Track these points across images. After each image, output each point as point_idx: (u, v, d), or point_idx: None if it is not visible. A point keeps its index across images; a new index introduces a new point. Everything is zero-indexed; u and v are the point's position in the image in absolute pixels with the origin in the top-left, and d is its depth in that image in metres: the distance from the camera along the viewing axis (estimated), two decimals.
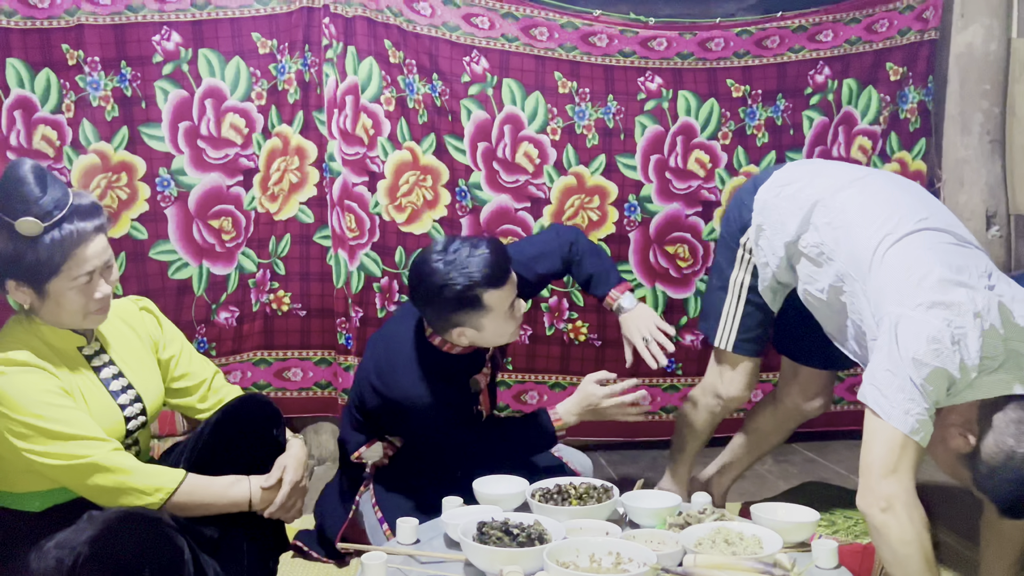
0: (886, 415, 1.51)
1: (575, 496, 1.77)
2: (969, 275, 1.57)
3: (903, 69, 3.10)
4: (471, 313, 1.90)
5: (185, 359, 1.75)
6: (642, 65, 3.00)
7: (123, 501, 1.46)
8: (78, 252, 1.47)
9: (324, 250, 2.88)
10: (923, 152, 3.15)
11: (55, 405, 1.45)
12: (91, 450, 1.45)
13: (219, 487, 1.54)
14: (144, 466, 1.51)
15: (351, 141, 2.81)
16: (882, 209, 1.74)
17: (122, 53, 2.72)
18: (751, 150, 3.07)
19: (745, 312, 2.02)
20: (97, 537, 1.36)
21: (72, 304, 1.50)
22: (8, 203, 1.44)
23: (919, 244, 1.64)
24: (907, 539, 1.46)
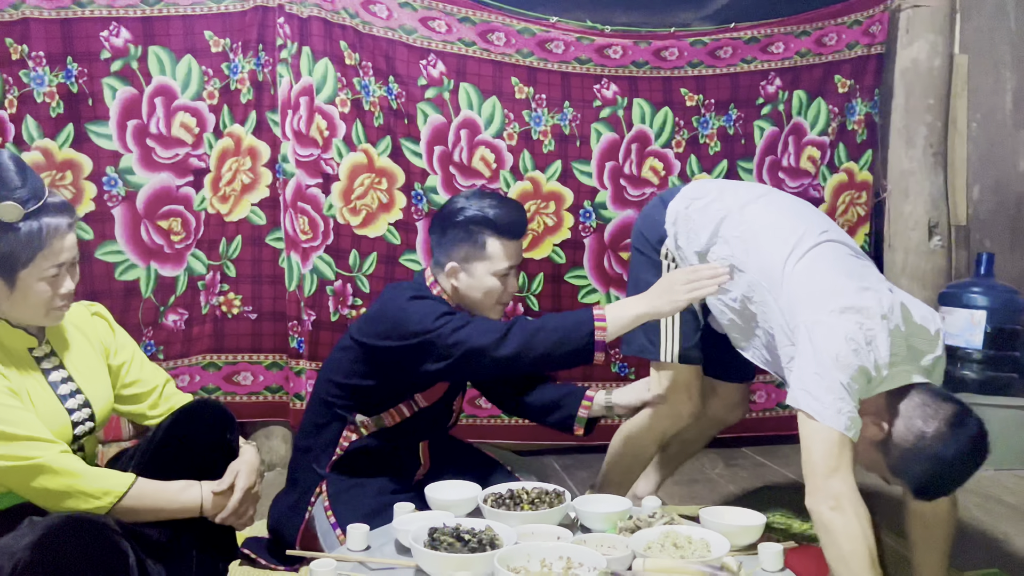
0: (821, 417, 1.58)
1: (527, 501, 1.77)
2: (871, 281, 1.70)
3: (851, 82, 3.18)
4: (470, 250, 1.94)
5: (136, 366, 1.72)
6: (598, 72, 3.04)
7: (69, 504, 1.42)
8: (54, 243, 1.46)
9: (276, 252, 2.84)
10: (870, 163, 3.23)
11: (2, 404, 1.40)
12: (38, 451, 1.40)
13: (170, 492, 1.51)
14: (92, 469, 1.47)
15: (305, 142, 2.78)
16: (788, 223, 1.84)
17: (69, 48, 2.66)
18: (704, 159, 3.12)
19: (683, 320, 2.04)
20: (38, 542, 1.31)
21: (39, 297, 1.47)
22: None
23: (825, 255, 1.76)
24: (854, 535, 1.51)
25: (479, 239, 1.95)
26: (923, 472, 1.57)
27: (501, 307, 2.03)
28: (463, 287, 1.98)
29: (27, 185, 1.45)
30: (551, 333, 1.81)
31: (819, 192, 3.20)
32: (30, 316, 1.51)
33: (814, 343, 1.61)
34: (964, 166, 3.32)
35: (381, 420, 2.03)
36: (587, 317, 1.80)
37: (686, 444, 2.35)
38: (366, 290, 2.88)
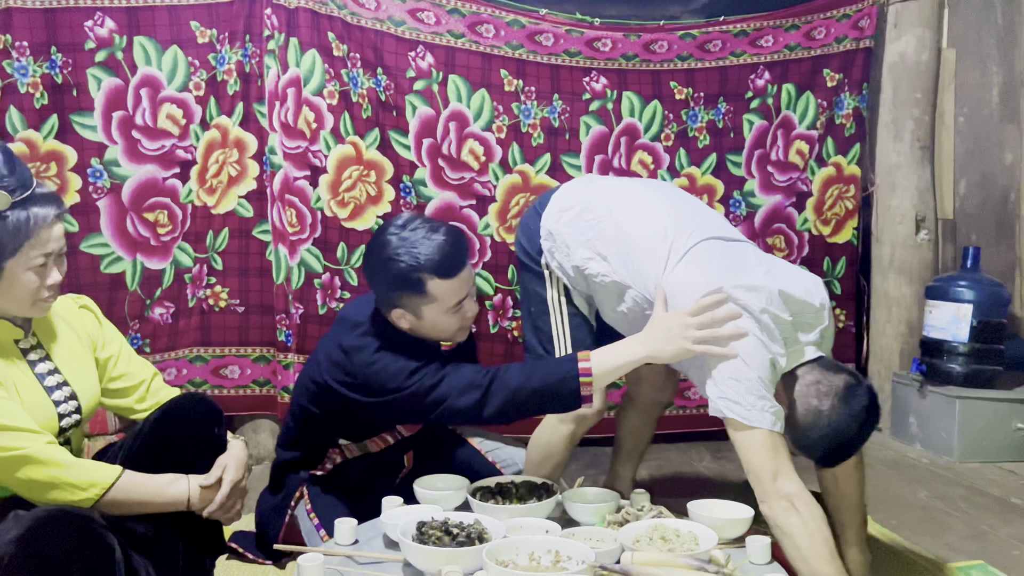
0: (749, 420, 1.59)
1: (515, 495, 1.78)
2: (748, 275, 1.68)
3: (839, 76, 3.19)
4: (412, 297, 1.78)
5: (124, 359, 1.71)
6: (587, 65, 3.03)
7: (55, 496, 1.40)
8: (41, 233, 1.45)
9: (264, 245, 2.82)
10: (857, 157, 3.24)
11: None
12: (24, 442, 1.39)
13: (156, 485, 1.50)
14: (79, 461, 1.46)
15: (292, 134, 2.76)
16: (659, 228, 1.79)
17: (52, 38, 2.63)
18: (692, 152, 3.12)
19: (573, 325, 1.97)
20: (23, 536, 1.30)
21: (25, 287, 1.46)
22: None
23: (698, 259, 1.73)
24: (810, 531, 1.54)
25: (419, 286, 1.76)
26: (824, 445, 1.63)
27: (465, 329, 1.91)
28: (415, 328, 1.84)
29: (14, 174, 1.44)
30: (533, 394, 1.73)
31: (807, 186, 3.21)
32: (16, 307, 1.49)
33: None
34: (951, 160, 3.34)
35: (366, 447, 2.01)
36: (572, 373, 1.71)
37: (636, 434, 2.31)
38: (354, 283, 2.87)
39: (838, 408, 1.60)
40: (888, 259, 3.32)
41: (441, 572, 1.40)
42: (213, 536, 1.66)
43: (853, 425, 1.61)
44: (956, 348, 2.97)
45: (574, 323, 1.96)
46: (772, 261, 1.78)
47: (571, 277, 1.92)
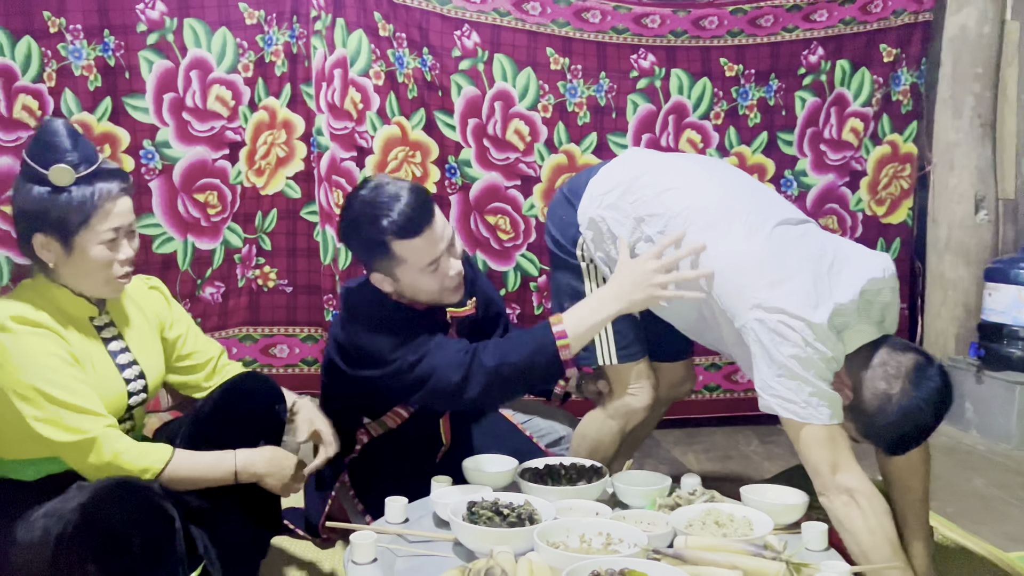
0: (803, 417, 1.53)
1: (564, 476, 1.77)
2: (808, 265, 1.58)
3: (897, 51, 3.09)
4: (382, 260, 1.76)
5: (192, 338, 1.75)
6: (635, 42, 2.97)
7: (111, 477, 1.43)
8: (106, 206, 1.47)
9: (311, 226, 2.84)
10: (914, 135, 3.14)
11: (60, 372, 1.43)
12: (88, 424, 1.43)
13: (206, 463, 1.53)
14: (134, 445, 1.49)
15: (339, 115, 2.77)
16: (710, 211, 1.70)
17: (105, 21, 2.66)
18: (743, 130, 3.06)
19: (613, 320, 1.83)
20: (87, 504, 1.35)
21: (97, 261, 1.48)
22: (41, 154, 1.45)
23: (758, 247, 1.63)
24: (871, 527, 1.50)
25: (385, 249, 1.75)
26: (893, 431, 1.55)
27: (451, 289, 1.85)
28: (397, 291, 1.83)
29: (78, 150, 1.47)
30: (515, 369, 1.71)
31: (861, 165, 3.13)
32: (91, 285, 1.52)
33: (765, 345, 1.56)
34: (1013, 138, 3.22)
35: (384, 423, 2.01)
36: (547, 339, 1.69)
37: (640, 428, 2.16)
38: None
39: (908, 391, 1.51)
40: (945, 240, 3.22)
41: (492, 552, 1.40)
42: (270, 513, 1.69)
43: (925, 409, 1.52)
44: (1017, 332, 2.88)
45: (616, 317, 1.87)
46: (838, 241, 1.69)
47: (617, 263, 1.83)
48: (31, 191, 1.45)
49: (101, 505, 1.35)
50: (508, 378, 1.72)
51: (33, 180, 1.46)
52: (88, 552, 1.34)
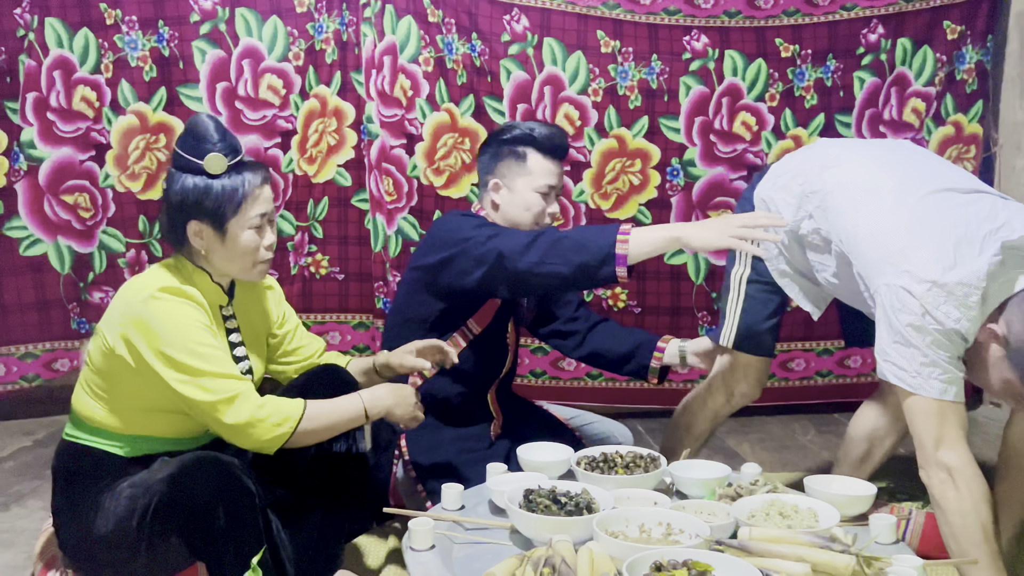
0: (911, 387, 1.50)
1: (621, 465, 1.74)
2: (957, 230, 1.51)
3: (961, 28, 2.97)
4: (512, 164, 1.97)
5: (299, 334, 1.84)
6: (688, 24, 2.91)
7: (255, 434, 1.48)
8: (256, 192, 1.56)
9: (362, 213, 2.85)
10: (979, 115, 3.03)
11: (204, 338, 1.50)
12: (228, 385, 1.49)
13: (335, 406, 1.58)
14: (270, 399, 1.55)
15: (389, 103, 2.77)
16: (860, 186, 1.68)
17: (160, 12, 2.70)
18: (799, 112, 2.98)
19: (744, 307, 1.94)
20: (174, 476, 1.42)
21: (248, 245, 1.57)
22: (194, 146, 1.54)
23: (900, 216, 1.59)
24: (964, 510, 1.45)
25: (522, 154, 1.98)
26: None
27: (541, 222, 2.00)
28: (504, 203, 2.00)
29: (226, 140, 1.56)
30: (572, 242, 1.74)
31: (923, 146, 3.02)
32: (239, 267, 1.60)
33: (886, 310, 1.53)
34: None
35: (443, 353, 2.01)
36: (611, 229, 1.72)
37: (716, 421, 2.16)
38: None
39: None
40: None
41: (551, 541, 1.39)
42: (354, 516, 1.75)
43: None
44: None
45: (746, 305, 1.92)
46: (1013, 214, 1.57)
47: (785, 245, 1.84)
48: (186, 181, 1.54)
49: (187, 478, 1.41)
50: (561, 252, 1.74)
51: (187, 170, 1.54)
52: (173, 523, 1.41)
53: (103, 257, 2.76)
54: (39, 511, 2.18)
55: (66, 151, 2.70)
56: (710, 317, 3.05)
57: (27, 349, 2.76)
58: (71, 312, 2.78)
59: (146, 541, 1.43)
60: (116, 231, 2.76)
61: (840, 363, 3.11)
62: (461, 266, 1.86)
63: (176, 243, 1.60)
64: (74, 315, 2.79)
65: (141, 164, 2.74)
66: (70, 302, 2.77)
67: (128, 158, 2.72)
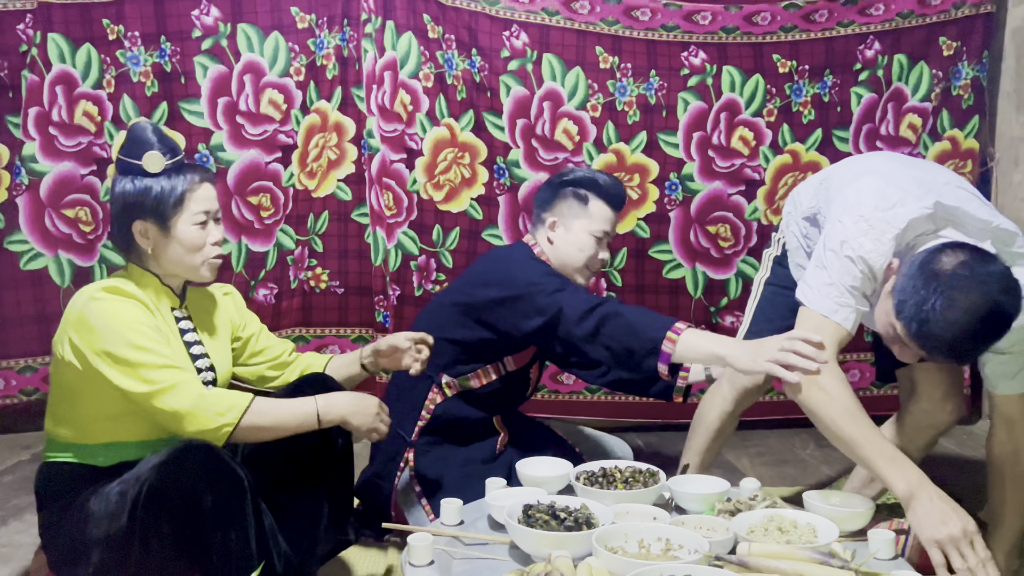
0: (807, 300, 1.60)
1: (621, 480, 1.74)
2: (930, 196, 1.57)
3: (957, 44, 3.00)
4: (573, 205, 2.05)
5: (264, 336, 1.88)
6: (686, 40, 2.94)
7: (196, 424, 1.49)
8: (197, 190, 1.61)
9: (362, 228, 2.86)
10: (976, 130, 3.05)
11: (144, 333, 1.51)
12: (169, 375, 1.50)
13: (288, 405, 1.59)
14: (216, 390, 1.57)
15: (389, 118, 2.78)
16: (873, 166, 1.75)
17: (162, 28, 2.72)
18: (797, 127, 3.00)
19: (759, 306, 2.02)
20: (163, 463, 1.42)
21: (192, 241, 1.60)
22: (133, 149, 1.60)
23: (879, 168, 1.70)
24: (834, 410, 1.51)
25: (583, 196, 2.06)
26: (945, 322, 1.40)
27: (589, 273, 2.09)
28: (559, 241, 2.06)
29: (164, 143, 1.61)
30: (626, 323, 1.76)
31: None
32: (186, 267, 1.63)
33: (821, 239, 1.64)
34: None
35: (467, 381, 2.05)
36: (665, 323, 1.73)
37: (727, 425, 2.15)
38: (449, 265, 2.88)
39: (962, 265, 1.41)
40: None
41: (550, 557, 1.39)
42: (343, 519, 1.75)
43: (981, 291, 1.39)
44: None
45: (760, 305, 2.01)
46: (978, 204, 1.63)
47: (801, 235, 1.92)
48: (127, 183, 1.59)
49: (175, 466, 1.41)
50: (618, 329, 1.77)
51: (128, 172, 1.60)
52: (163, 511, 1.41)
53: (103, 271, 2.77)
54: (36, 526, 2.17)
55: (67, 165, 2.72)
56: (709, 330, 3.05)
57: (26, 363, 2.77)
58: None
59: (138, 535, 1.42)
60: None
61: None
62: (522, 310, 1.89)
63: (124, 247, 1.64)
64: None
65: None
66: None
67: None
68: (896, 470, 1.47)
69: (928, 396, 1.95)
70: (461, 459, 2.04)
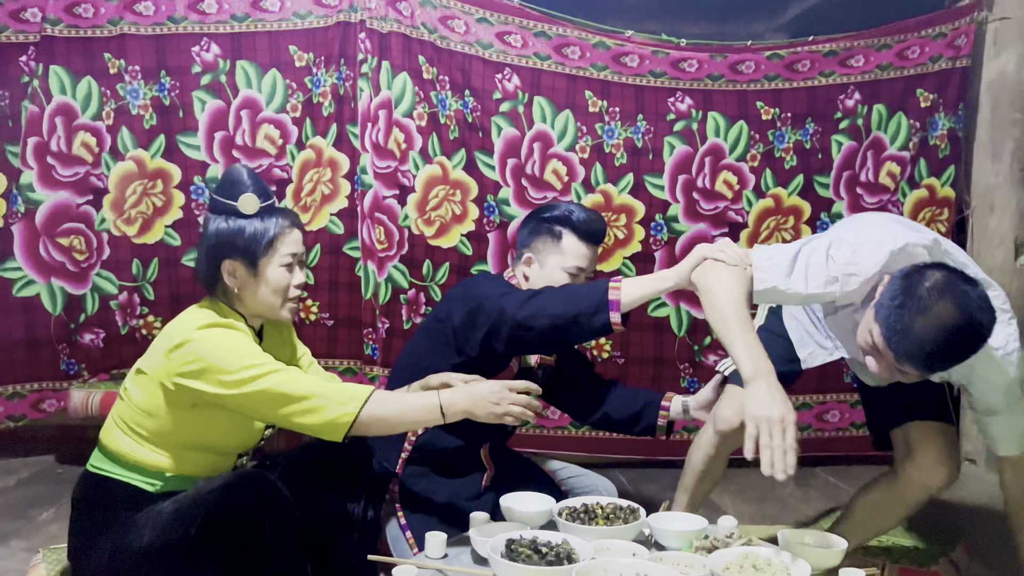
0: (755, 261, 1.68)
1: (602, 516, 1.78)
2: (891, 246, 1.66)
3: (934, 96, 3.10)
4: (547, 241, 2.07)
5: (314, 371, 1.92)
6: (672, 86, 3.03)
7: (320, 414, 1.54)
8: (287, 233, 1.68)
9: (353, 261, 2.91)
10: (952, 179, 3.14)
11: (256, 352, 1.58)
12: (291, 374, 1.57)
13: (409, 397, 1.66)
14: (335, 382, 1.64)
15: (383, 155, 2.85)
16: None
17: (162, 63, 2.78)
18: (779, 172, 3.08)
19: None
20: (224, 487, 1.48)
21: (279, 283, 1.66)
22: (229, 189, 1.67)
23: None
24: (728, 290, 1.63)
25: (557, 233, 2.08)
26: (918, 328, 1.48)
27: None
28: (533, 277, 2.09)
29: (258, 185, 1.67)
30: (567, 294, 1.82)
31: (898, 208, 3.13)
32: (269, 306, 1.69)
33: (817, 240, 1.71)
34: None
35: None
36: (603, 281, 1.79)
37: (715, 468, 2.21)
38: (438, 299, 2.92)
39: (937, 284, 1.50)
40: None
41: None
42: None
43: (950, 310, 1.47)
44: None
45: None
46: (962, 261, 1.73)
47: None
48: (221, 222, 1.65)
49: (234, 490, 1.47)
50: (560, 301, 1.79)
51: (222, 212, 1.65)
52: (223, 534, 1.46)
53: (95, 299, 2.80)
54: (21, 552, 2.18)
55: (64, 195, 2.76)
56: (692, 369, 3.11)
57: (14, 389, 2.78)
58: (60, 353, 2.80)
59: (192, 554, 1.47)
60: (110, 274, 2.80)
61: (819, 417, 3.17)
62: (475, 322, 1.92)
63: (210, 284, 1.69)
64: (63, 356, 2.81)
65: (137, 209, 2.79)
66: (60, 343, 2.79)
67: (125, 202, 2.78)
68: (750, 354, 1.57)
69: (922, 455, 1.95)
70: (446, 494, 2.06)
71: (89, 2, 2.73)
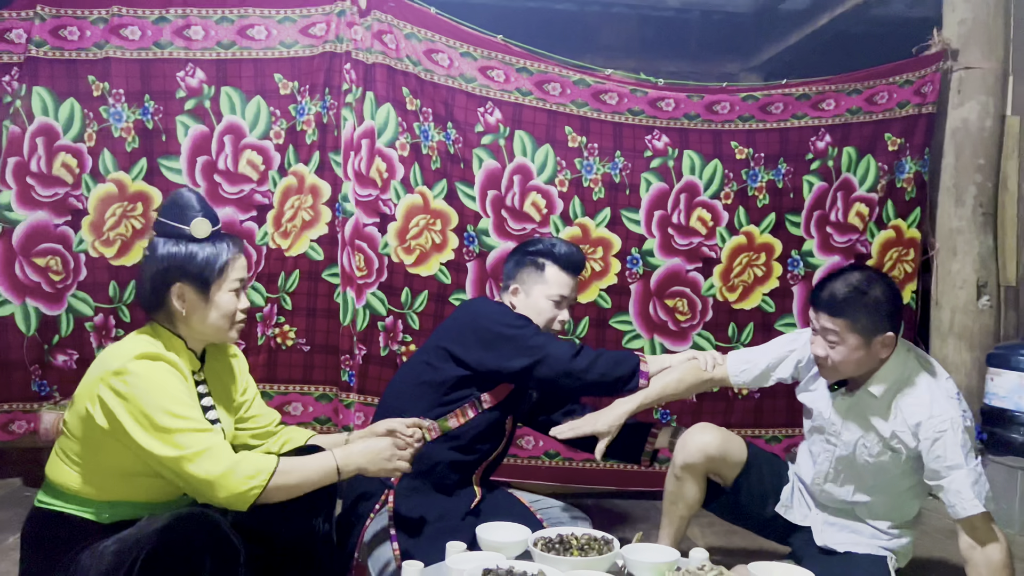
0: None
1: (577, 547, 1.80)
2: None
3: (901, 140, 3.21)
4: (531, 273, 2.22)
5: (257, 404, 1.91)
6: (650, 124, 3.10)
7: (228, 486, 1.52)
8: (236, 259, 1.69)
9: (332, 287, 2.92)
10: (918, 221, 3.24)
11: (180, 400, 1.55)
12: (205, 439, 1.53)
13: (309, 461, 1.65)
14: (244, 455, 1.60)
15: (365, 183, 2.88)
16: None
17: (147, 87, 2.80)
18: (752, 211, 3.16)
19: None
20: (164, 528, 1.44)
21: (228, 308, 1.67)
22: (179, 213, 1.66)
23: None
24: None
25: (541, 264, 2.23)
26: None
27: (555, 331, 2.24)
28: (520, 306, 2.22)
29: (207, 210, 1.67)
30: (609, 359, 2.13)
31: (866, 248, 3.22)
32: (216, 328, 1.68)
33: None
34: (1014, 226, 3.31)
35: (446, 422, 2.11)
36: (630, 353, 2.19)
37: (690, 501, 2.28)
38: (416, 327, 2.95)
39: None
40: (948, 324, 3.29)
41: None
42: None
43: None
44: (1019, 417, 2.92)
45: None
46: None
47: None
48: (171, 246, 1.64)
49: (176, 530, 1.44)
50: (606, 363, 2.11)
51: (172, 236, 1.64)
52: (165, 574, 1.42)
53: (70, 320, 2.78)
54: None
55: (42, 215, 2.75)
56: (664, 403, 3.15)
57: None
58: (32, 374, 2.78)
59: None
60: (86, 295, 2.79)
61: (788, 450, 3.22)
62: (508, 352, 2.09)
63: (153, 308, 1.66)
64: (35, 377, 2.78)
65: (116, 231, 2.79)
66: (32, 364, 2.77)
67: (104, 224, 2.77)
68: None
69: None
70: (439, 511, 2.06)
71: (75, 25, 2.75)
